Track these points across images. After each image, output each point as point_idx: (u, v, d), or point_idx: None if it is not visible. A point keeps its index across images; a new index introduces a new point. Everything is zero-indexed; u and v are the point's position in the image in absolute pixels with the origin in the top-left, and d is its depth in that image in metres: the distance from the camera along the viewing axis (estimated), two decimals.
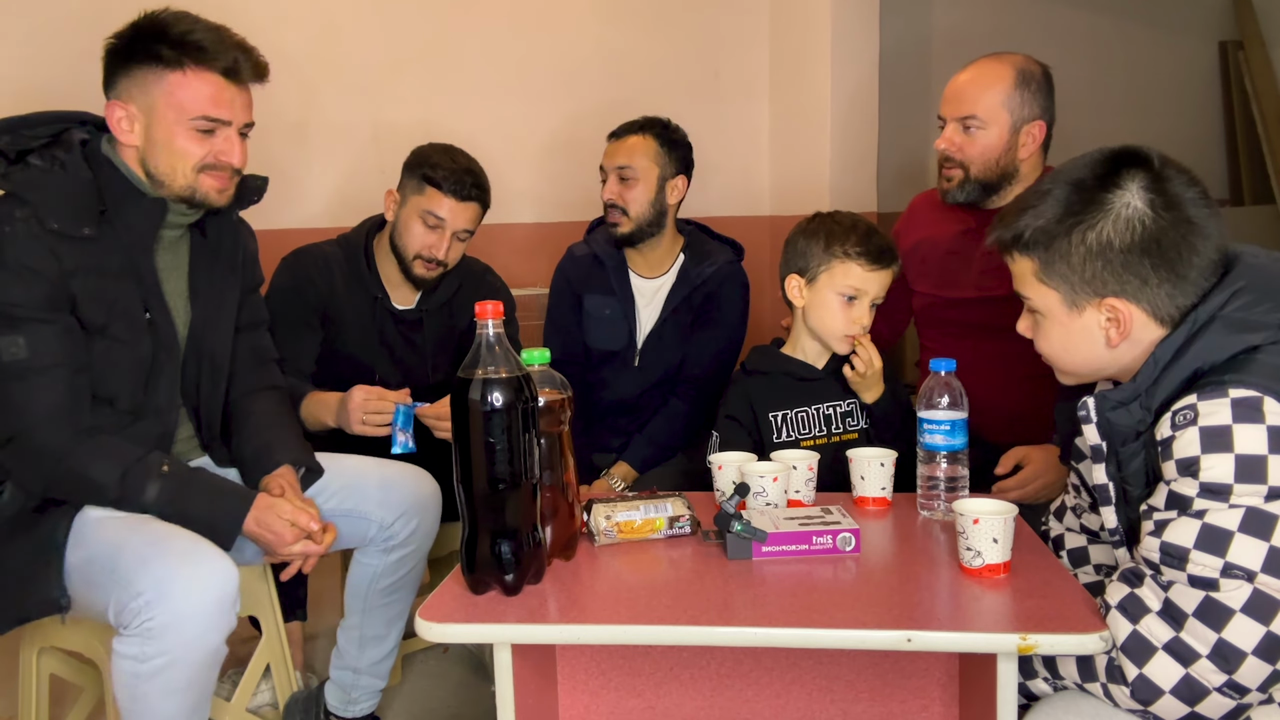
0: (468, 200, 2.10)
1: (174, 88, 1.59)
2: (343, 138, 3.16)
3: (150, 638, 1.40)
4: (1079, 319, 1.25)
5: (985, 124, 1.96)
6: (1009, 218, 1.29)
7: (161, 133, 1.60)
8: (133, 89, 1.60)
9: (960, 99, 1.99)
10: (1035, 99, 1.96)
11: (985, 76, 1.97)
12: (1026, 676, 1.25)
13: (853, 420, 1.87)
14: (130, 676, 1.42)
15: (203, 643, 1.43)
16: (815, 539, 1.37)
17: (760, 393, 1.88)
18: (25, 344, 1.51)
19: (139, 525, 1.54)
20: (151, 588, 1.41)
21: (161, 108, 1.59)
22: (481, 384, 1.24)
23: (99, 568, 1.49)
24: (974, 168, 1.99)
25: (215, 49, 1.59)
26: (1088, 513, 1.46)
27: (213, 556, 1.47)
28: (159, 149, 1.61)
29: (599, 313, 2.38)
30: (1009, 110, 1.95)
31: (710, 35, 3.53)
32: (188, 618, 1.41)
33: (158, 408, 1.67)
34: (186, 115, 1.60)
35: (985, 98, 1.96)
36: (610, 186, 2.32)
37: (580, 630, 1.21)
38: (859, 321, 1.80)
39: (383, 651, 1.93)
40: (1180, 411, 1.14)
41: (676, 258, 2.40)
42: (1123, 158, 1.23)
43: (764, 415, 1.86)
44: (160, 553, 1.46)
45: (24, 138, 1.59)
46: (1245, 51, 4.53)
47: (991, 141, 1.97)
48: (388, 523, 1.81)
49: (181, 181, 1.63)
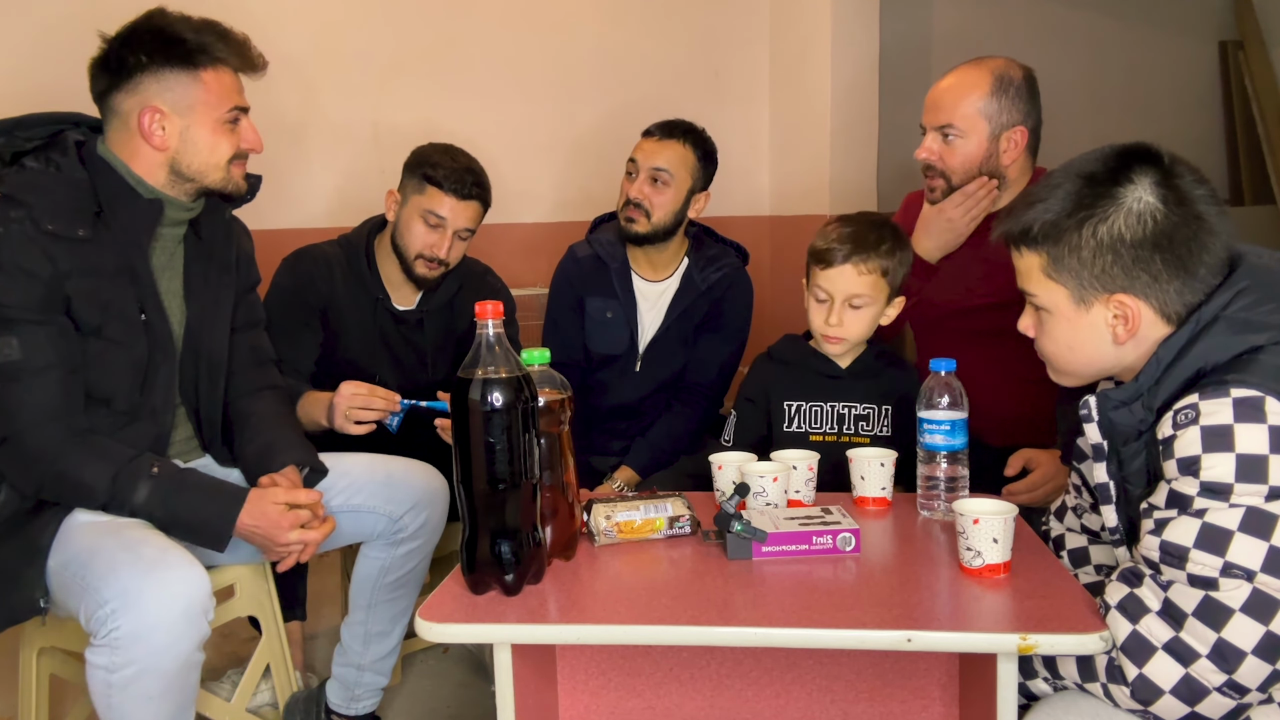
0: (468, 199, 2.10)
1: (206, 85, 1.63)
2: (343, 138, 3.16)
3: (118, 648, 1.37)
4: (1086, 315, 1.25)
5: (963, 133, 1.94)
6: (1017, 212, 1.29)
7: (200, 131, 1.64)
8: (163, 93, 1.62)
9: (938, 108, 1.97)
10: (1015, 105, 1.94)
11: (961, 85, 1.96)
12: (1026, 676, 1.25)
13: (866, 425, 1.85)
14: (104, 686, 1.39)
15: (172, 652, 1.40)
16: (815, 539, 1.37)
17: (779, 380, 1.88)
18: (19, 345, 1.51)
19: (114, 531, 1.52)
20: (117, 596, 1.38)
21: (200, 107, 1.63)
22: (481, 384, 1.24)
23: (73, 573, 1.48)
24: (955, 177, 1.98)
25: (227, 41, 1.65)
26: (1088, 513, 1.46)
27: (181, 564, 1.44)
28: (196, 148, 1.65)
29: (600, 316, 2.34)
30: (986, 118, 1.93)
31: (710, 35, 3.53)
32: (153, 628, 1.38)
33: (154, 408, 1.67)
34: (222, 109, 1.65)
35: (961, 106, 1.94)
36: (640, 185, 2.25)
37: (580, 630, 1.21)
38: (828, 322, 1.80)
39: (386, 648, 1.93)
40: (1182, 411, 1.14)
41: (681, 261, 2.37)
42: (1133, 154, 1.23)
43: (778, 403, 1.87)
44: (129, 559, 1.43)
45: (19, 140, 1.60)
46: (1245, 51, 4.53)
47: (971, 150, 1.95)
48: (397, 516, 1.81)
49: (216, 175, 1.68)
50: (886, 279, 1.79)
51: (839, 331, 1.80)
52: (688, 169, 2.26)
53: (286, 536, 1.60)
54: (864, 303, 1.79)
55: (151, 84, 1.61)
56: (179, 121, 1.62)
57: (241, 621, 1.90)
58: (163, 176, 1.65)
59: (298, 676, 2.01)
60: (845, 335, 1.81)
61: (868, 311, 1.80)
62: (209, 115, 1.64)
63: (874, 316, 1.82)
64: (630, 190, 2.27)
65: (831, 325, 1.79)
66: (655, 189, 2.24)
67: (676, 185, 2.25)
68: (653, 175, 2.24)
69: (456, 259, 2.16)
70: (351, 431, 1.92)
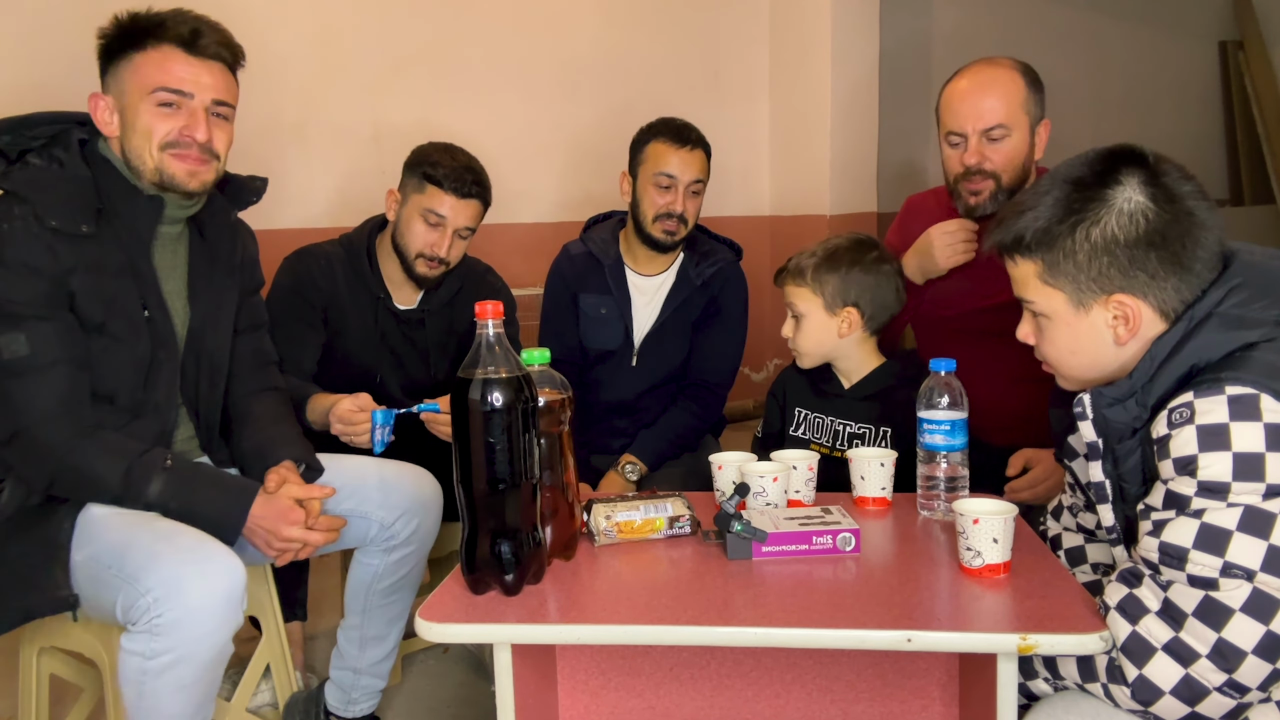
0: (468, 197, 2.10)
1: (138, 66, 1.59)
2: (343, 138, 3.16)
3: (158, 634, 1.40)
4: (1086, 318, 1.25)
5: (1011, 130, 1.93)
6: (1007, 221, 1.29)
7: (130, 114, 1.60)
8: (110, 81, 1.62)
9: (980, 111, 1.94)
10: (1040, 98, 1.96)
11: (1000, 83, 1.94)
12: (1027, 676, 1.25)
13: (861, 444, 1.87)
14: (138, 673, 1.42)
15: (211, 639, 1.43)
16: (815, 539, 1.37)
17: (794, 385, 2.00)
18: (26, 341, 1.51)
19: (145, 522, 1.54)
20: (160, 584, 1.41)
21: (129, 89, 1.60)
22: (481, 384, 1.24)
23: (105, 565, 1.49)
24: (1005, 176, 1.95)
25: (170, 22, 1.60)
26: (1083, 511, 1.46)
27: (220, 553, 1.47)
28: (130, 132, 1.61)
29: (594, 312, 2.38)
30: (1027, 113, 1.94)
31: (710, 35, 3.53)
32: (196, 614, 1.41)
33: (157, 405, 1.67)
34: (147, 89, 1.59)
35: (1007, 105, 1.93)
36: (682, 199, 2.27)
37: (580, 630, 1.21)
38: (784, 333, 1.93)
39: (383, 651, 1.93)
40: (1177, 410, 1.13)
41: (677, 256, 2.40)
42: (1118, 155, 1.23)
43: (790, 406, 1.99)
44: (168, 549, 1.46)
45: (24, 138, 1.60)
46: (1245, 51, 4.53)
47: (1016, 146, 1.94)
48: (388, 522, 1.81)
49: (150, 164, 1.61)
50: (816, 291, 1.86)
51: (790, 344, 1.92)
52: (707, 175, 2.33)
53: (289, 532, 1.61)
54: (800, 313, 1.88)
55: (107, 76, 1.62)
56: (115, 103, 1.61)
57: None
58: (128, 166, 1.63)
59: (298, 677, 2.01)
60: (796, 347, 1.91)
61: (806, 324, 1.88)
62: (135, 95, 1.59)
63: (817, 327, 1.88)
64: (673, 204, 2.28)
65: (786, 335, 1.93)
66: (693, 200, 2.30)
67: (704, 192, 2.33)
68: (691, 189, 2.29)
69: (457, 258, 2.16)
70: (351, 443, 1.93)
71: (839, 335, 1.87)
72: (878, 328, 1.90)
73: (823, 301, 1.86)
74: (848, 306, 1.85)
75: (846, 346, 1.89)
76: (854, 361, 1.91)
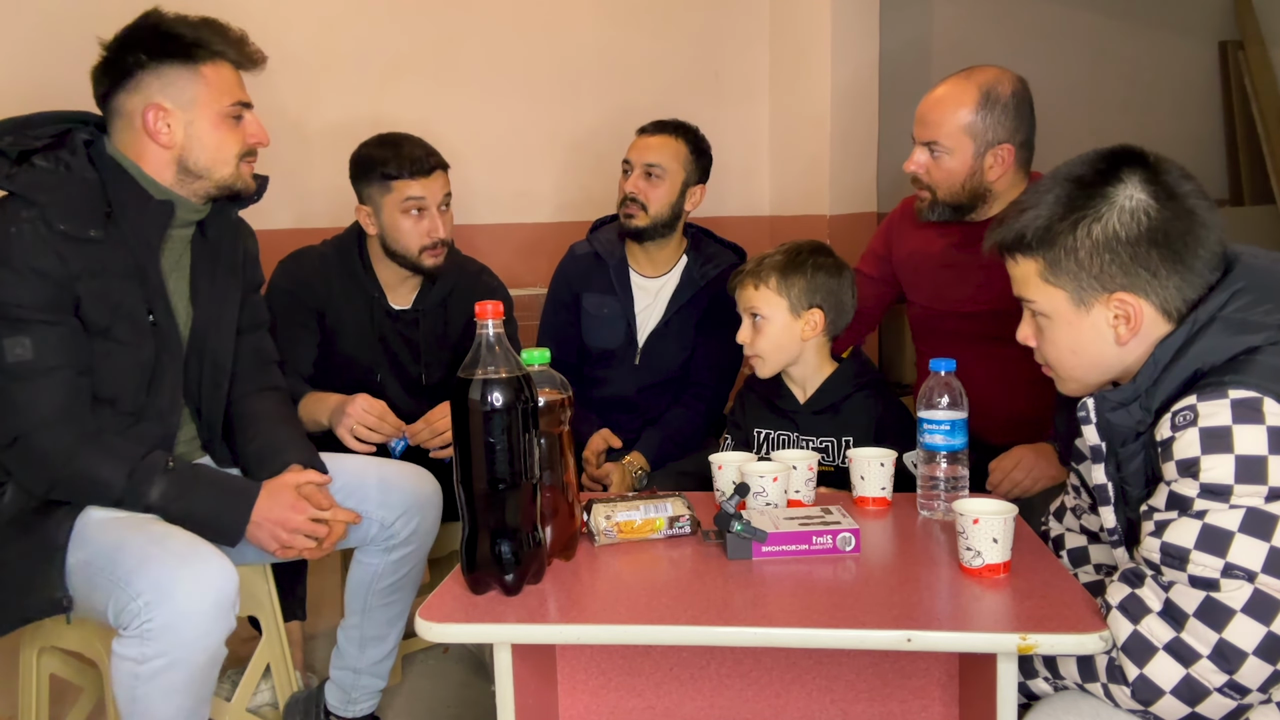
0: (433, 171, 2.11)
1: (207, 79, 1.62)
2: (343, 138, 3.15)
3: (149, 639, 1.40)
4: (1087, 318, 1.25)
5: (948, 149, 1.92)
6: (1009, 220, 1.29)
7: (204, 126, 1.63)
8: (165, 90, 1.61)
9: (924, 123, 1.95)
10: (1002, 122, 1.91)
11: (946, 101, 1.93)
12: (1027, 676, 1.25)
13: (827, 458, 1.86)
14: (130, 678, 1.42)
15: (202, 644, 1.43)
16: (815, 539, 1.37)
17: (752, 408, 1.97)
18: (31, 345, 1.51)
19: (139, 525, 1.53)
20: (150, 589, 1.41)
21: (202, 101, 1.62)
22: (481, 384, 1.24)
23: (98, 568, 1.49)
24: (940, 191, 1.97)
25: (224, 36, 1.65)
26: (1087, 514, 1.46)
27: (212, 557, 1.46)
28: (202, 143, 1.64)
29: (597, 311, 2.39)
30: (972, 136, 1.91)
31: (710, 35, 3.52)
32: (187, 619, 1.40)
33: (160, 409, 1.66)
34: (224, 103, 1.64)
35: (947, 123, 1.92)
36: (634, 180, 2.32)
37: (580, 630, 1.21)
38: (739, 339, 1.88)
39: (383, 651, 1.93)
40: (1180, 412, 1.14)
41: (680, 258, 2.41)
42: (1119, 155, 1.24)
43: (749, 428, 1.95)
44: (159, 553, 1.45)
45: (27, 138, 1.59)
46: (1245, 51, 4.53)
47: (955, 166, 1.93)
48: (388, 522, 1.81)
49: (225, 171, 1.67)
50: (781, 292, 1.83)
51: (749, 349, 1.87)
52: (680, 161, 2.32)
53: (298, 520, 1.61)
54: (762, 315, 1.84)
55: (153, 81, 1.60)
56: (183, 117, 1.62)
57: (241, 621, 1.89)
58: (171, 175, 1.64)
59: (298, 676, 2.01)
60: (756, 351, 1.86)
61: (768, 326, 1.84)
62: (211, 109, 1.63)
63: (780, 330, 1.84)
64: (626, 186, 2.33)
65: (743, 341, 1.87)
66: (650, 183, 2.31)
67: (670, 178, 2.31)
68: (646, 170, 2.31)
69: (451, 230, 2.18)
70: (352, 446, 1.93)
71: (801, 338, 1.84)
72: (836, 333, 1.89)
73: (787, 303, 1.83)
74: (813, 308, 1.83)
75: (806, 351, 1.86)
76: (810, 368, 1.88)
